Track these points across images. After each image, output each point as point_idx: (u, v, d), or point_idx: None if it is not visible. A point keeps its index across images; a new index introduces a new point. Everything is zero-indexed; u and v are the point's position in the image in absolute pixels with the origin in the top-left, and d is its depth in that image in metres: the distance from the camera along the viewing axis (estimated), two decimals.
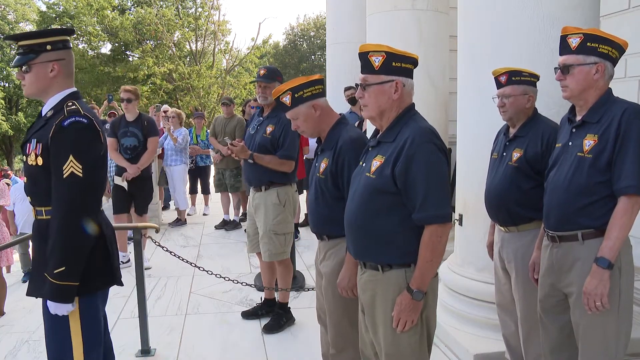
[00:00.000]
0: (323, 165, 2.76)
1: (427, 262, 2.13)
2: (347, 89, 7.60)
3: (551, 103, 3.20)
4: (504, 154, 2.97)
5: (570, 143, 2.45)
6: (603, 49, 2.38)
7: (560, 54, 2.46)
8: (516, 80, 2.90)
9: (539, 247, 2.70)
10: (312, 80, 2.80)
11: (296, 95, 2.74)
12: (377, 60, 2.21)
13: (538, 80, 2.97)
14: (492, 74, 3.01)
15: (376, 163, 2.23)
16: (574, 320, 2.47)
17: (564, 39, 2.44)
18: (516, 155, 2.88)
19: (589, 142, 2.35)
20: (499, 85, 2.95)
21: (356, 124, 7.11)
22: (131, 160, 5.93)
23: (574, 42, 2.39)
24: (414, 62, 2.28)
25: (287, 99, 2.76)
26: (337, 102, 8.72)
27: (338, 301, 2.74)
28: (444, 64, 5.76)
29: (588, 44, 2.37)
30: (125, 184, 5.95)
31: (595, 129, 2.35)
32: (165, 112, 9.25)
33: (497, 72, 2.97)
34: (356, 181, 2.35)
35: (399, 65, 2.22)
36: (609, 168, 2.30)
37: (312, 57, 37.53)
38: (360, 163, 2.39)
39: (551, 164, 2.57)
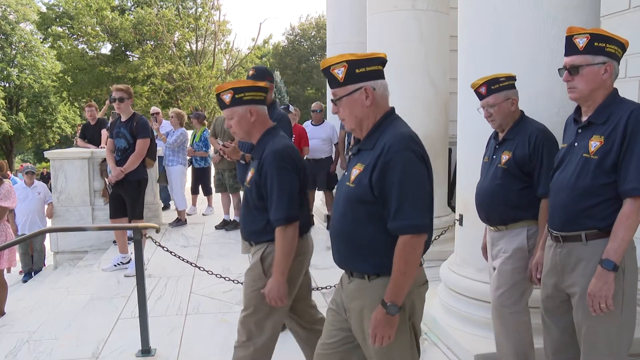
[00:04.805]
0: (250, 175, 2.82)
1: (400, 274, 2.04)
2: None
3: (551, 103, 3.20)
4: (494, 156, 3.02)
5: (576, 144, 2.45)
6: (610, 48, 2.37)
7: (567, 55, 2.43)
8: (496, 89, 2.92)
9: (542, 247, 2.71)
10: (257, 86, 2.81)
11: (237, 96, 2.74)
12: (340, 72, 2.16)
13: (515, 80, 2.99)
14: (471, 87, 3.06)
15: (356, 172, 2.17)
16: (576, 321, 2.46)
17: (569, 39, 2.41)
18: (505, 157, 2.92)
19: (595, 143, 2.34)
20: (481, 96, 2.99)
21: None
22: (120, 162, 5.78)
23: (580, 42, 2.37)
24: (381, 61, 2.21)
25: (227, 97, 2.75)
26: None
27: (250, 300, 2.84)
28: (445, 64, 5.76)
29: (595, 43, 2.35)
30: (109, 187, 5.91)
31: (601, 130, 2.34)
32: (154, 114, 9.26)
33: (476, 85, 3.00)
34: (339, 190, 2.31)
35: (363, 70, 2.16)
36: (614, 169, 2.29)
37: (312, 57, 37.54)
38: (344, 172, 2.34)
39: (557, 164, 2.57)
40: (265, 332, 2.84)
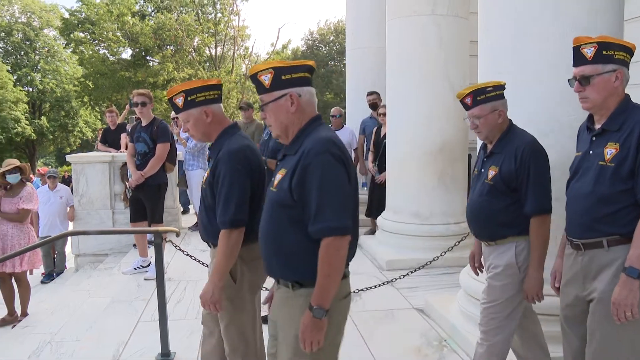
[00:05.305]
0: (205, 175, 2.77)
1: (325, 276, 2.01)
2: (369, 93, 7.63)
3: (572, 110, 3.14)
4: (482, 170, 2.95)
5: (591, 152, 2.43)
6: (619, 55, 2.36)
7: (575, 65, 2.43)
8: (482, 99, 2.83)
9: (561, 256, 2.67)
10: (208, 85, 2.73)
11: (189, 98, 2.66)
12: (266, 79, 2.16)
13: (504, 89, 2.90)
14: (457, 97, 2.98)
15: (279, 177, 2.16)
16: (589, 325, 2.43)
17: (577, 50, 2.41)
18: (492, 173, 2.84)
19: (610, 151, 2.32)
20: (466, 107, 2.90)
21: (374, 129, 7.13)
22: (140, 166, 5.81)
23: (589, 52, 2.36)
24: (308, 69, 2.21)
25: (179, 101, 2.68)
26: (356, 106, 8.74)
27: (225, 307, 2.72)
28: (464, 69, 5.74)
29: (604, 52, 2.34)
30: (129, 191, 5.96)
31: (616, 137, 2.33)
32: (175, 118, 9.31)
33: (461, 95, 2.91)
34: (266, 196, 2.28)
35: (289, 77, 2.16)
36: (631, 176, 2.27)
37: (331, 62, 37.58)
38: (272, 178, 2.32)
39: (572, 172, 2.54)
40: (249, 338, 2.81)
